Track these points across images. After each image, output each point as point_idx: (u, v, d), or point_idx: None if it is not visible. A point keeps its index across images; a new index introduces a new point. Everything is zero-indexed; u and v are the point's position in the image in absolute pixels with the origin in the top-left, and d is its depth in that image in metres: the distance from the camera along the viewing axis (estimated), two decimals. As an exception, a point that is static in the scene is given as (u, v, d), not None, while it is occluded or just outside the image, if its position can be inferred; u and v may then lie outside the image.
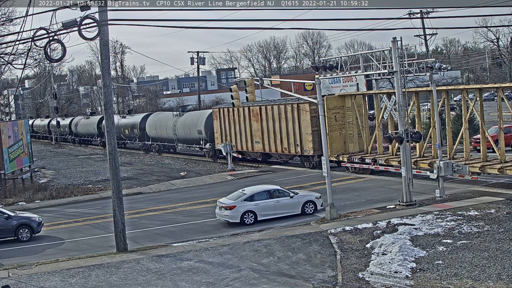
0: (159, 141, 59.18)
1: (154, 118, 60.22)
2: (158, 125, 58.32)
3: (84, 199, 36.66)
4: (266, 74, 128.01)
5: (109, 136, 22.53)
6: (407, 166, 25.93)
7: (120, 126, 64.36)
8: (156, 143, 60.03)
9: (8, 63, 37.25)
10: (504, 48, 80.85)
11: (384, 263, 18.26)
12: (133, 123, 63.34)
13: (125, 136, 66.34)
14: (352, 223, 23.65)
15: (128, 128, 64.69)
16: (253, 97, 28.14)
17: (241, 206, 25.63)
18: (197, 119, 51.41)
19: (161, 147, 60.06)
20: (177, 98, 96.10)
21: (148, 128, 60.34)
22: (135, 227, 27.01)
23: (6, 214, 26.31)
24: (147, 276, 19.12)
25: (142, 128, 61.36)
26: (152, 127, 59.63)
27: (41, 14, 20.79)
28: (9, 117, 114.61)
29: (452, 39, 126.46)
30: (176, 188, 38.66)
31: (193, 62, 74.07)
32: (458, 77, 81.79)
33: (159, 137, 58.67)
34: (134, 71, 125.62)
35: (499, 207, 23.92)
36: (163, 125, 57.02)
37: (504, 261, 17.50)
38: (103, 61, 22.30)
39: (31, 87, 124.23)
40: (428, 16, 57.43)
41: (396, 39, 25.95)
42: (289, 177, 37.65)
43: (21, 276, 19.80)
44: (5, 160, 38.67)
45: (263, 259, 20.08)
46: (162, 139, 58.33)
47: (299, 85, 68.50)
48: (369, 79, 42.17)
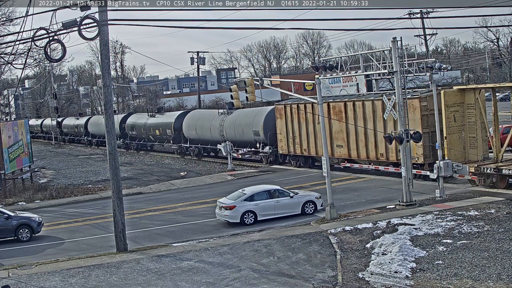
0: (200, 143, 52.33)
1: (194, 117, 53.61)
2: (200, 125, 51.65)
3: (84, 199, 36.66)
4: (266, 74, 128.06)
5: (109, 136, 22.52)
6: (407, 166, 25.92)
7: (148, 127, 59.79)
8: (195, 145, 53.07)
9: (8, 63, 37.26)
10: (504, 48, 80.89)
11: (384, 263, 18.26)
12: (166, 123, 56.72)
13: (154, 138, 60.11)
14: (352, 223, 23.65)
15: (159, 129, 58.00)
16: (253, 97, 28.17)
17: (241, 206, 25.63)
18: (253, 118, 44.25)
19: (201, 150, 53.16)
20: (177, 98, 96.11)
21: (185, 129, 53.71)
22: (135, 227, 27.01)
23: (6, 214, 26.31)
24: (147, 276, 19.12)
25: (177, 129, 54.57)
26: (190, 127, 53.01)
27: (41, 14, 20.82)
28: (9, 117, 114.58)
29: (452, 39, 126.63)
30: (176, 188, 38.67)
31: (193, 62, 74.22)
32: (458, 77, 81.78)
33: (200, 139, 52.09)
34: (134, 71, 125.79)
35: (499, 207, 23.92)
36: (206, 125, 50.46)
37: (504, 261, 17.50)
38: (103, 61, 22.31)
39: (31, 87, 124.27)
40: (428, 16, 57.56)
41: (396, 39, 25.94)
42: (289, 177, 37.65)
43: (21, 276, 19.80)
44: (5, 160, 38.67)
45: (263, 259, 20.08)
46: (204, 141, 51.86)
47: (299, 85, 68.50)
48: (369, 79, 42.17)
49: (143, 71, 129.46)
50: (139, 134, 63.18)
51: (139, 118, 63.68)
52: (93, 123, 76.10)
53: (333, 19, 49.48)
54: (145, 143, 64.21)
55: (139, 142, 64.53)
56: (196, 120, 52.63)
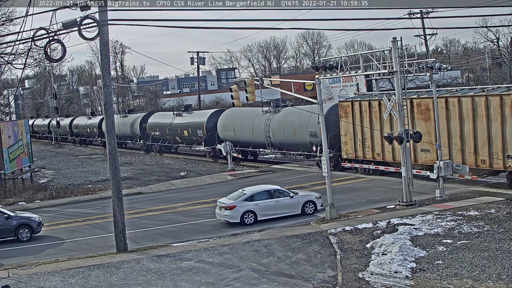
0: (238, 145, 46.65)
1: (231, 115, 48.10)
2: (239, 125, 46.26)
3: (84, 199, 36.67)
4: (266, 74, 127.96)
5: (109, 136, 22.52)
6: (407, 166, 25.92)
7: (175, 127, 54.81)
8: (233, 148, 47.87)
9: (8, 63, 37.27)
10: (504, 48, 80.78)
11: (384, 263, 18.26)
12: (196, 122, 51.47)
13: (182, 139, 54.79)
14: (352, 223, 23.65)
15: (187, 129, 52.64)
16: (253, 97, 28.19)
17: (241, 206, 25.64)
18: (309, 117, 37.64)
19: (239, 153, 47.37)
20: (177, 98, 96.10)
21: (221, 129, 48.63)
22: (135, 227, 27.01)
23: (6, 214, 26.32)
24: (147, 276, 19.12)
25: (210, 129, 49.48)
26: (227, 128, 47.78)
27: (41, 14, 20.83)
28: (9, 117, 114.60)
29: (452, 39, 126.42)
30: (176, 188, 38.67)
31: (193, 62, 74.16)
32: (458, 77, 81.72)
33: (238, 141, 46.53)
34: (134, 71, 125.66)
35: (499, 207, 23.92)
36: (247, 125, 45.26)
37: (504, 261, 17.50)
38: (103, 61, 22.32)
39: (31, 87, 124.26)
40: (428, 16, 57.55)
41: (396, 39, 25.95)
42: (289, 177, 37.65)
43: (21, 276, 19.80)
44: (5, 160, 38.68)
45: (263, 259, 20.08)
46: (244, 143, 46.53)
47: (299, 85, 68.49)
48: (369, 79, 42.21)
49: (143, 71, 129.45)
50: (163, 135, 58.02)
51: (163, 118, 58.64)
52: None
53: (333, 19, 49.44)
54: (170, 144, 58.53)
55: (162, 144, 58.86)
56: (235, 119, 47.08)
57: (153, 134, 60.00)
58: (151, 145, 61.09)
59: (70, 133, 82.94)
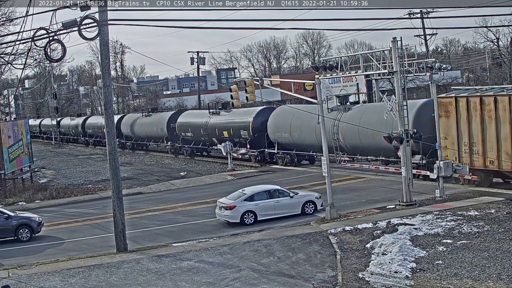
0: (295, 148, 41.50)
1: (285, 114, 41.73)
2: (296, 125, 40.18)
3: (84, 199, 36.67)
4: (266, 74, 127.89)
5: (109, 136, 22.53)
6: (407, 166, 25.92)
7: (212, 127, 48.77)
8: (285, 151, 42.35)
9: (8, 63, 37.29)
10: (504, 48, 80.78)
11: (384, 263, 18.27)
12: (240, 122, 45.49)
13: (220, 141, 47.09)
14: (352, 223, 23.66)
15: (228, 130, 46.74)
16: (253, 97, 28.19)
17: (241, 206, 25.64)
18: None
19: (294, 158, 41.96)
20: (177, 98, 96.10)
21: (272, 130, 42.76)
22: (135, 227, 27.02)
23: (6, 214, 26.32)
24: (147, 276, 19.12)
25: (258, 129, 43.78)
26: (281, 128, 41.86)
27: (41, 14, 20.83)
28: (9, 117, 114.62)
29: (452, 39, 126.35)
30: (176, 188, 38.67)
31: (193, 62, 74.08)
32: (458, 77, 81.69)
33: (295, 143, 41.00)
34: (134, 71, 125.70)
35: (499, 207, 23.92)
36: (308, 126, 38.79)
37: (504, 261, 17.50)
38: (103, 61, 22.32)
39: (31, 87, 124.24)
40: (428, 16, 57.50)
41: (396, 39, 25.96)
42: (289, 177, 37.65)
43: (21, 276, 19.81)
44: (5, 160, 38.68)
45: (263, 259, 20.08)
46: (302, 147, 40.72)
47: (299, 85, 68.51)
48: (369, 79, 42.23)
49: (143, 71, 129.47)
50: (196, 136, 51.78)
51: (196, 117, 52.59)
52: (125, 124, 65.84)
53: (333, 19, 49.43)
54: (204, 147, 52.32)
55: (195, 146, 53.11)
56: (290, 118, 40.81)
57: (184, 135, 53.86)
58: (181, 147, 55.13)
59: (83, 133, 78.07)
